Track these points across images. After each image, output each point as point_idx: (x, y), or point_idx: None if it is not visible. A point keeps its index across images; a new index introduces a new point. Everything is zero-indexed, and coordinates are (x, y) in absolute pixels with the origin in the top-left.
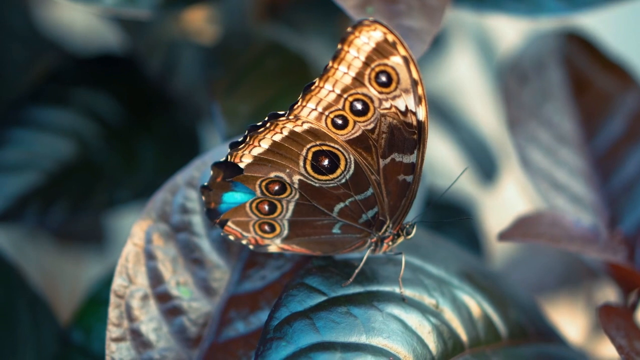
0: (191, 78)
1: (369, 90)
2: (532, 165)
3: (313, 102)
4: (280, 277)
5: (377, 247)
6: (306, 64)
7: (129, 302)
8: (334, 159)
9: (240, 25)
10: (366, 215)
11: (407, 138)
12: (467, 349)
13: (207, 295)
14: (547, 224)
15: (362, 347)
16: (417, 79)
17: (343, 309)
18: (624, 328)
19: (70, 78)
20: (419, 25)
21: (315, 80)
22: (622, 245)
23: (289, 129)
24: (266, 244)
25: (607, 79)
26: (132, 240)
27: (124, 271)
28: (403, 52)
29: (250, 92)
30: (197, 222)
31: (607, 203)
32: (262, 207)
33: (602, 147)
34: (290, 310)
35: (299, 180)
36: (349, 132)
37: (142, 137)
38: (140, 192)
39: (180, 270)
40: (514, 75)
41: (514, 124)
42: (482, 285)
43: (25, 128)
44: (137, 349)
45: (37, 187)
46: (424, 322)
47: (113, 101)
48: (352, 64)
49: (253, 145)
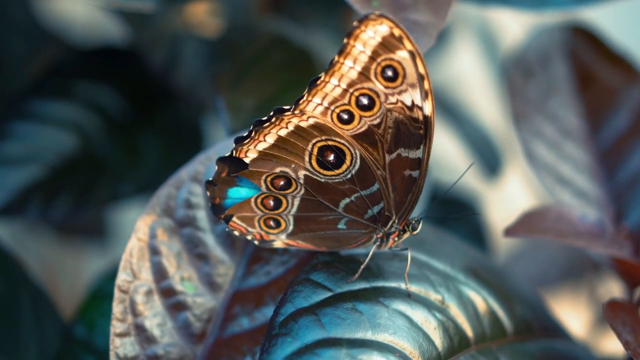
0: (194, 72)
1: (375, 84)
2: (538, 159)
3: (319, 97)
4: (285, 273)
5: (383, 242)
6: (311, 57)
7: (133, 297)
8: (340, 154)
9: (244, 19)
10: (372, 211)
11: (413, 133)
12: (473, 345)
13: (211, 290)
14: (553, 219)
15: (368, 343)
16: (424, 74)
17: (349, 305)
18: (630, 324)
19: (72, 71)
20: (425, 19)
21: (320, 74)
22: (628, 240)
23: (294, 124)
24: (271, 240)
25: (612, 72)
26: (136, 235)
27: (128, 266)
28: (409, 46)
29: (254, 86)
30: (201, 217)
31: (612, 198)
32: (268, 202)
33: (608, 142)
34: (296, 306)
35: (305, 176)
36: (354, 127)
37: (145, 131)
38: (143, 187)
39: (185, 265)
40: (518, 69)
41: (519, 118)
42: (488, 281)
43: (27, 121)
44: (142, 344)
45: (39, 181)
46: (430, 318)
47: (116, 94)
48: (358, 58)
49: (258, 140)
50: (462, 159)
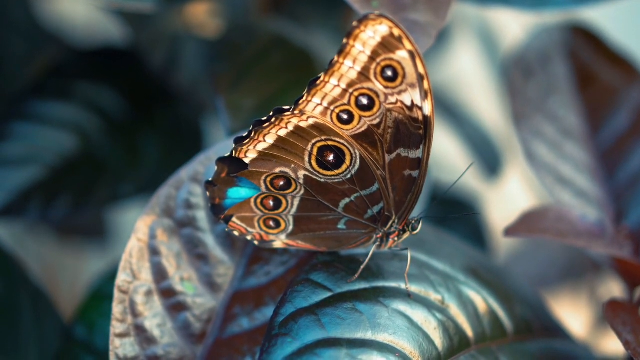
0: (194, 72)
1: (374, 84)
2: (538, 159)
3: (318, 97)
4: (285, 273)
5: (383, 242)
6: (311, 58)
7: (133, 298)
8: (340, 154)
9: (244, 19)
10: (372, 211)
11: (413, 133)
12: (473, 345)
13: (211, 290)
14: (553, 219)
15: (368, 343)
16: (423, 74)
17: (349, 305)
18: (631, 323)
19: (72, 72)
20: (425, 19)
21: (320, 74)
22: (628, 240)
23: (294, 124)
24: (271, 240)
25: (612, 72)
26: (136, 235)
27: (128, 266)
28: (409, 46)
29: (254, 86)
30: (201, 218)
31: (612, 197)
32: (267, 202)
33: (608, 141)
34: (296, 307)
35: (304, 176)
36: (354, 127)
37: (145, 131)
38: (143, 187)
39: (185, 265)
40: (518, 69)
41: (519, 118)
42: (488, 281)
43: (27, 122)
44: (141, 344)
45: (39, 181)
46: (430, 318)
47: (116, 95)
48: (357, 58)
49: (258, 140)
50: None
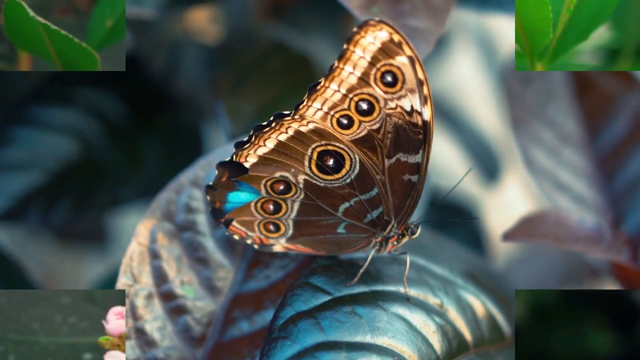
0: (195, 77)
1: (374, 90)
2: (536, 165)
3: (319, 102)
4: (285, 277)
5: (382, 246)
6: (310, 63)
7: (133, 301)
8: (339, 158)
9: (244, 25)
10: (371, 215)
11: (412, 138)
12: (471, 349)
13: (211, 294)
14: (551, 224)
15: (367, 346)
16: (423, 79)
17: (348, 309)
18: None
19: (73, 77)
20: (424, 25)
21: (320, 80)
22: (626, 245)
23: (294, 129)
24: (271, 244)
25: (610, 79)
26: (136, 239)
27: (128, 270)
28: (409, 52)
29: (254, 92)
30: (201, 222)
31: (610, 203)
32: (267, 206)
33: (606, 147)
34: (295, 310)
35: (304, 180)
36: (354, 132)
37: (145, 136)
38: (143, 192)
39: (185, 269)
40: (517, 75)
41: (518, 124)
42: (486, 285)
43: (28, 127)
44: (142, 347)
45: (40, 187)
46: (429, 322)
47: (116, 100)
48: (357, 63)
49: (258, 144)
50: (460, 164)
